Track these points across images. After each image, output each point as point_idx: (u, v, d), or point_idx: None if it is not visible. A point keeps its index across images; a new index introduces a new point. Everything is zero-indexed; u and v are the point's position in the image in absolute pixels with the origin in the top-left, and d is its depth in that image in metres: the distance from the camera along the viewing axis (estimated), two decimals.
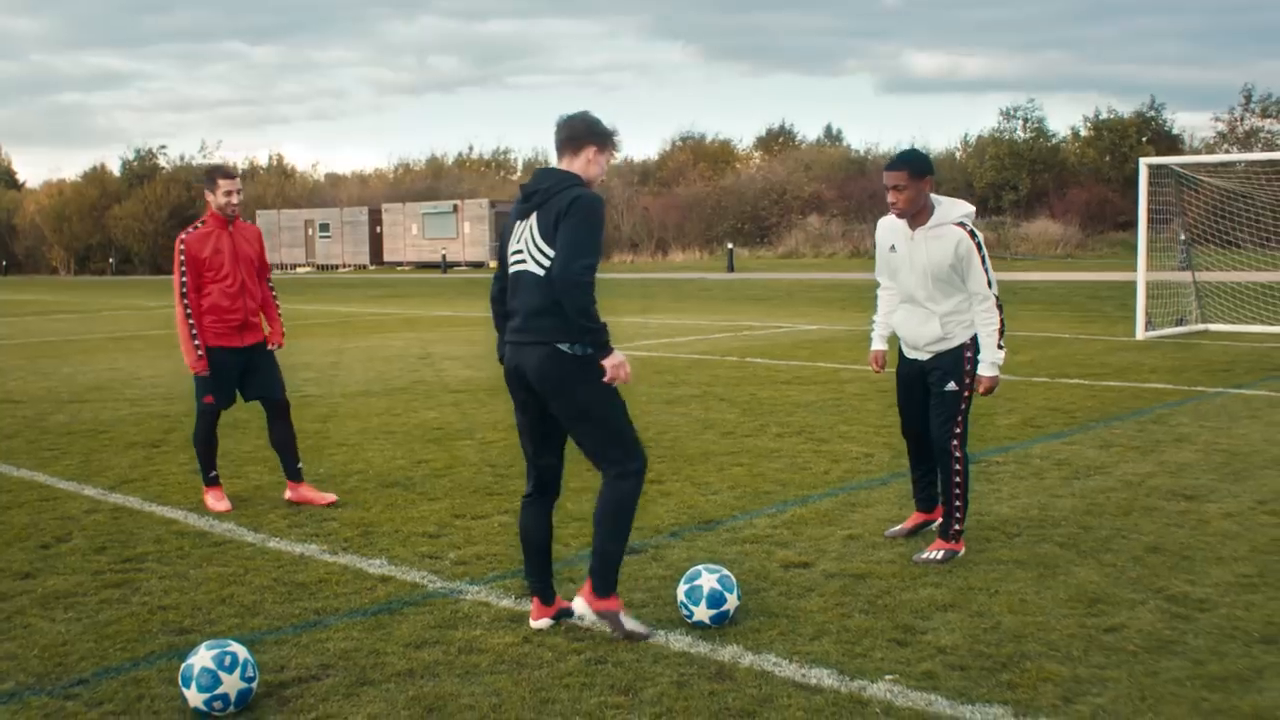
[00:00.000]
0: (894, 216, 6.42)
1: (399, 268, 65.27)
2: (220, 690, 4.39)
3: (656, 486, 8.18)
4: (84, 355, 18.98)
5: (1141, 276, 19.23)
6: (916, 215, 6.26)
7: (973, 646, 5.00)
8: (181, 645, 5.12)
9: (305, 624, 5.48)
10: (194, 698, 4.41)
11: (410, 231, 65.40)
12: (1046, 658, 4.86)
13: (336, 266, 69.50)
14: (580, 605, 5.24)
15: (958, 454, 6.29)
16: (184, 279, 7.59)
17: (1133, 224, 20.17)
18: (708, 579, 5.34)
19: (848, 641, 5.08)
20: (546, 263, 5.08)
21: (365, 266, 68.10)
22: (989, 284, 6.12)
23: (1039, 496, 7.69)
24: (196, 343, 7.59)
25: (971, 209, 6.30)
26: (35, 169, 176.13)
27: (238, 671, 4.43)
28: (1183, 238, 25.13)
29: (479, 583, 6.07)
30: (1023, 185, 57.02)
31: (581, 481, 8.32)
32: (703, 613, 5.29)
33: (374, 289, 44.26)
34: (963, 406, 6.29)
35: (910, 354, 6.50)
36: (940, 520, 6.42)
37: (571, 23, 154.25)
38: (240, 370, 7.77)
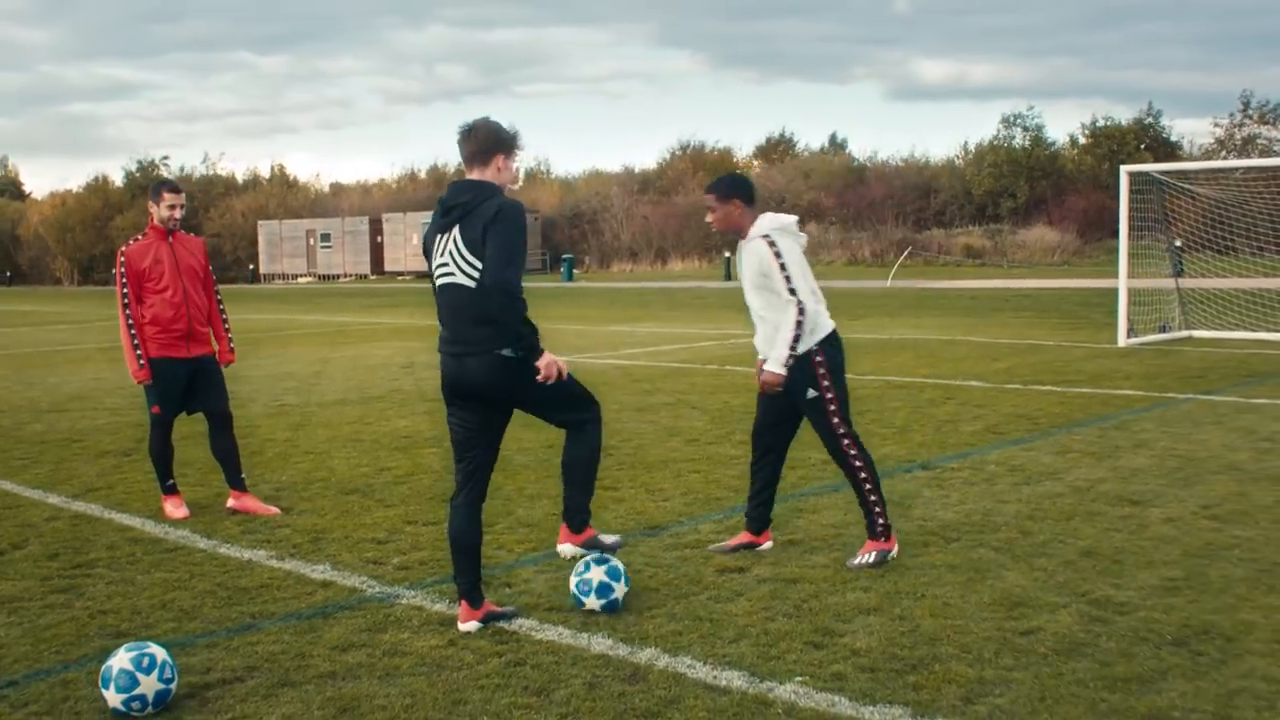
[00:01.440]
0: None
1: (399, 277, 65.45)
2: (138, 691, 4.50)
3: (610, 493, 8.27)
4: (72, 365, 19.12)
5: (1123, 284, 19.32)
6: (741, 233, 6.57)
7: (887, 649, 5.09)
8: (115, 648, 5.21)
9: (239, 627, 5.58)
10: (112, 698, 4.52)
11: (411, 241, 65.56)
12: (957, 660, 4.95)
13: (338, 276, 69.72)
14: (568, 549, 5.61)
15: (853, 452, 6.43)
16: (125, 290, 7.73)
17: (1133, 230, 20.22)
18: (596, 571, 5.67)
19: (765, 644, 5.17)
20: (476, 274, 5.27)
21: (366, 276, 68.30)
22: (792, 291, 6.31)
23: (985, 502, 7.77)
24: (139, 353, 7.71)
25: (786, 221, 6.54)
26: (44, 179, 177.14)
27: (155, 673, 4.54)
28: (1177, 244, 25.21)
29: (416, 587, 6.16)
30: (1020, 193, 57.07)
31: (538, 488, 8.44)
32: (594, 602, 5.64)
33: (371, 298, 44.40)
34: (833, 408, 6.41)
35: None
36: (762, 543, 6.74)
37: (579, 31, 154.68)
38: (187, 380, 7.87)
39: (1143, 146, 55.87)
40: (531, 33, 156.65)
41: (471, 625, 5.46)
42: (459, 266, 5.32)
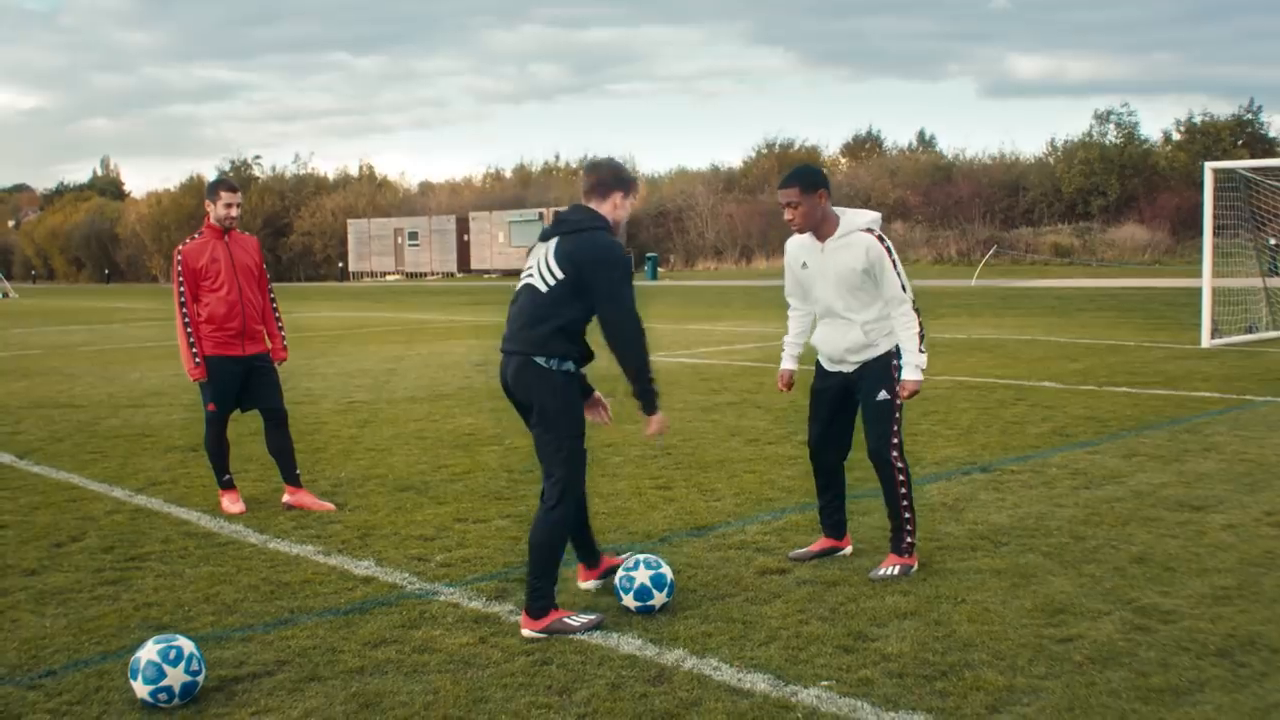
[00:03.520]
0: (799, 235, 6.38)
1: (486, 275, 65.95)
2: (165, 683, 4.57)
3: (662, 493, 8.26)
4: (154, 361, 19.50)
5: (1207, 283, 18.88)
6: (821, 228, 6.23)
7: (918, 654, 5.00)
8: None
9: (276, 622, 5.65)
10: (140, 689, 4.60)
11: (497, 239, 66.08)
12: (989, 667, 4.85)
13: (425, 274, 70.44)
14: (527, 634, 5.37)
15: (899, 465, 6.26)
16: (181, 289, 7.86)
17: (1225, 229, 19.73)
18: (642, 573, 5.63)
19: (795, 648, 5.11)
20: (552, 281, 5.48)
21: (453, 274, 68.92)
22: (903, 288, 6.11)
23: (1040, 506, 7.63)
24: (194, 351, 7.84)
25: (877, 215, 6.31)
26: (145, 179, 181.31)
27: (182, 665, 4.60)
28: (1272, 242, 24.55)
29: (456, 585, 6.19)
30: (1111, 190, 55.98)
31: (589, 487, 8.45)
32: (630, 601, 5.63)
33: (455, 296, 44.81)
34: (896, 415, 6.26)
35: (833, 368, 6.42)
36: (837, 539, 6.64)
37: (672, 30, 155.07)
38: (242, 378, 7.98)
39: (1239, 143, 54.49)
40: (625, 32, 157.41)
41: (592, 584, 6.03)
42: (540, 271, 5.55)
